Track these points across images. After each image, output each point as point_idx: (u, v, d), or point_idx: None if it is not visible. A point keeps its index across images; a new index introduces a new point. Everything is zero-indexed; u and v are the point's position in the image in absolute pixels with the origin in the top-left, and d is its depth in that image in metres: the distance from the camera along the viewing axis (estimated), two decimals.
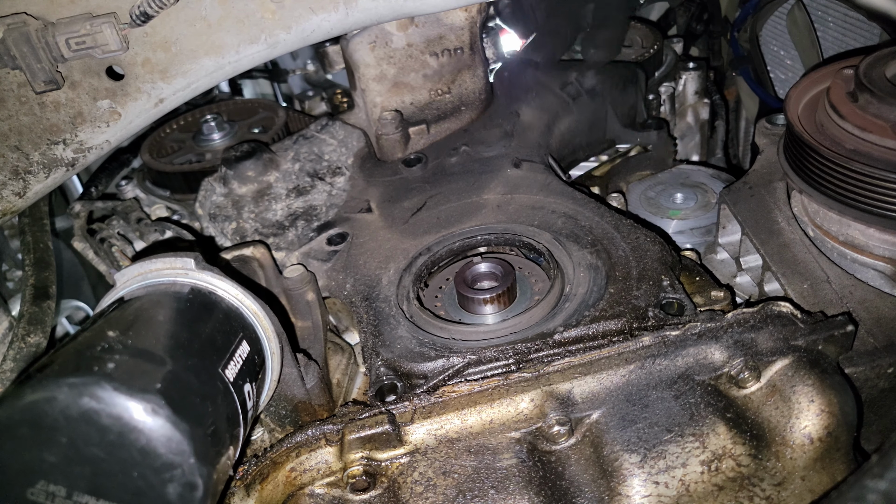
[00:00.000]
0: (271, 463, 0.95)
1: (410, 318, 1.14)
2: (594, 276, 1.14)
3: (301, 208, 1.46)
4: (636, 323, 1.05)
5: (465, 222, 1.33)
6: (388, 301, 1.18)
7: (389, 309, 1.16)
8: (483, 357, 1.03)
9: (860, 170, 1.08)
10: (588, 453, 0.93)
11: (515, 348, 1.04)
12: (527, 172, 1.43)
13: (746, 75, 2.10)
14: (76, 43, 1.21)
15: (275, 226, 1.43)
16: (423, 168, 1.52)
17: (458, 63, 1.58)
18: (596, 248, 1.19)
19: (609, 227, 1.23)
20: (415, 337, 1.10)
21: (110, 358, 0.75)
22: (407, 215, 1.38)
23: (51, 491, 0.72)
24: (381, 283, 1.22)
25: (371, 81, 1.57)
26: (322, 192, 1.49)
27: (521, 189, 1.38)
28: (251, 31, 1.32)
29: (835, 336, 0.97)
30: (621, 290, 1.10)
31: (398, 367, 1.05)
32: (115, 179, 1.94)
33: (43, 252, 1.41)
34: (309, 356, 1.11)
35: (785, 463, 0.90)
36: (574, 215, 1.28)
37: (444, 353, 1.05)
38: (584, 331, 1.05)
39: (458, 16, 1.53)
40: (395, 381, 1.04)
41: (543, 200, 1.34)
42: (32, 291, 1.30)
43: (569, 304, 1.10)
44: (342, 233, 1.38)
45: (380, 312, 1.16)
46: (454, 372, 1.02)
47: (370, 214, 1.42)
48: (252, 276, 1.21)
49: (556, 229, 1.25)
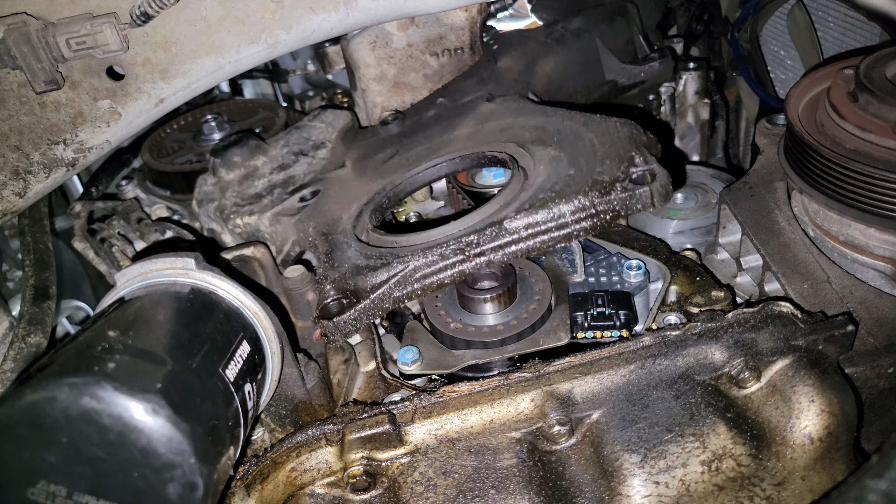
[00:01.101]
0: (272, 463, 0.95)
1: (362, 240, 1.13)
2: (555, 167, 1.11)
3: (281, 180, 1.46)
4: (599, 198, 1.01)
5: (432, 157, 1.31)
6: (345, 232, 1.17)
7: (345, 238, 1.15)
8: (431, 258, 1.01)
9: (860, 170, 1.07)
10: (588, 453, 0.93)
11: (463, 241, 1.01)
12: (499, 104, 1.41)
13: (747, 75, 2.10)
14: (76, 43, 1.21)
15: (253, 197, 1.43)
16: (401, 125, 1.51)
17: (459, 63, 1.58)
18: (559, 144, 1.15)
19: (578, 125, 1.19)
20: (362, 254, 1.08)
21: (111, 358, 0.76)
22: (378, 164, 1.37)
23: (51, 491, 0.72)
24: (341, 219, 1.22)
25: (371, 81, 1.57)
26: (303, 164, 1.49)
27: (493, 119, 1.36)
28: (251, 31, 1.32)
29: (835, 336, 0.97)
30: (583, 171, 1.06)
31: (345, 286, 1.04)
32: (115, 179, 1.94)
33: (43, 253, 1.41)
34: (309, 356, 1.11)
35: (785, 463, 0.90)
36: (543, 125, 1.25)
37: (388, 261, 1.04)
38: (537, 214, 1.01)
39: (459, 16, 1.53)
40: (340, 299, 1.02)
41: (514, 122, 1.31)
42: (32, 292, 1.31)
43: (524, 193, 1.07)
44: (315, 190, 1.37)
45: (334, 242, 1.15)
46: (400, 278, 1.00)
47: (343, 170, 1.41)
48: (252, 276, 1.21)
49: (521, 140, 1.22)
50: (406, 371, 1.10)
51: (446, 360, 1.09)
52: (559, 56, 1.63)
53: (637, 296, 1.16)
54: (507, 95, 1.44)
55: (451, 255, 1.01)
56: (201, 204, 1.46)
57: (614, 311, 1.09)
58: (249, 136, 1.53)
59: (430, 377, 1.12)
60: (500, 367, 1.08)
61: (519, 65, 1.58)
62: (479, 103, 1.44)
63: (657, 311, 1.13)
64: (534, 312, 1.11)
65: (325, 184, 1.38)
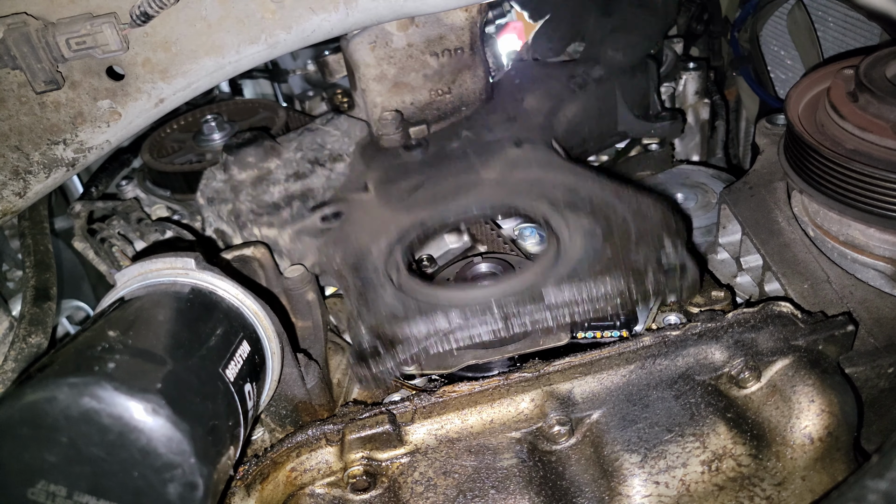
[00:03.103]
0: (272, 463, 0.95)
1: (397, 285, 1.12)
2: (590, 241, 1.11)
3: (298, 191, 1.45)
4: (634, 285, 1.03)
5: (461, 198, 1.30)
6: (376, 270, 1.16)
7: (377, 277, 1.14)
8: (471, 320, 1.01)
9: (860, 170, 1.08)
10: (588, 453, 0.93)
11: (504, 310, 1.01)
12: (528, 151, 1.41)
13: (747, 75, 2.10)
14: (76, 43, 1.21)
15: (270, 206, 1.42)
16: (424, 152, 1.50)
17: (459, 63, 1.58)
18: (594, 215, 1.16)
19: (610, 194, 1.19)
20: (399, 301, 1.08)
21: (111, 358, 0.76)
22: (403, 194, 1.36)
23: (51, 491, 0.72)
24: (370, 254, 1.20)
25: (371, 81, 1.57)
26: (321, 176, 1.48)
27: (521, 166, 1.36)
28: (251, 31, 1.32)
29: (835, 336, 0.97)
30: (618, 252, 1.07)
31: (382, 332, 1.04)
32: (115, 179, 1.93)
33: (43, 254, 1.41)
34: (309, 356, 1.11)
35: (785, 463, 0.90)
36: (574, 187, 1.25)
37: (428, 315, 1.03)
38: (576, 293, 1.03)
39: (459, 16, 1.53)
40: (377, 346, 1.02)
41: (543, 176, 1.31)
42: (33, 293, 1.31)
43: (562, 266, 1.08)
44: (337, 211, 1.36)
45: (367, 281, 1.14)
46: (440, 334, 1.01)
47: (366, 194, 1.40)
48: (252, 276, 1.21)
49: (553, 200, 1.22)
50: (406, 371, 1.10)
51: (446, 360, 1.10)
52: (581, 104, 1.66)
53: None
54: (534, 141, 1.44)
55: (490, 322, 1.02)
56: (212, 202, 1.45)
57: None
58: (264, 137, 1.53)
59: (430, 377, 1.12)
60: (500, 367, 1.08)
61: (544, 108, 1.59)
62: (506, 146, 1.44)
63: (657, 311, 1.13)
64: None
65: (347, 205, 1.37)
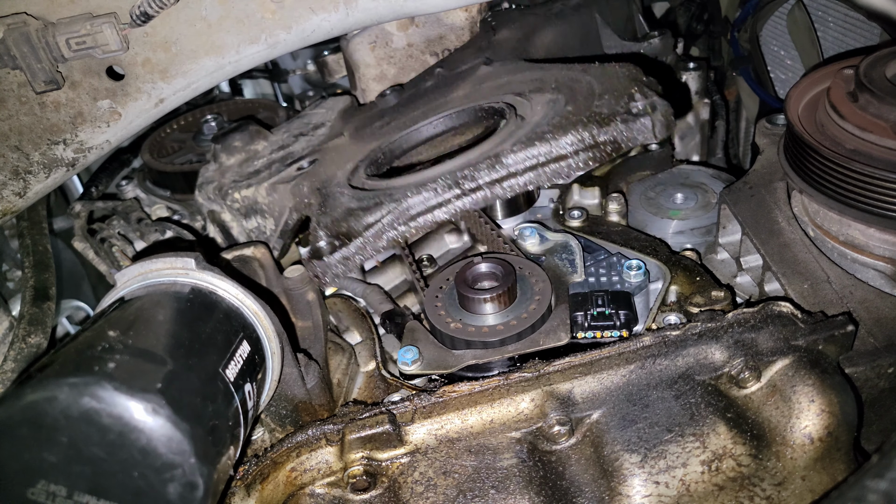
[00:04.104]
0: (272, 463, 0.95)
1: (355, 186, 1.12)
2: (552, 106, 1.08)
3: (279, 157, 1.45)
4: (598, 129, 0.98)
5: (428, 116, 1.29)
6: (339, 184, 1.16)
7: (339, 188, 1.14)
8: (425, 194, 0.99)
9: (860, 170, 1.07)
10: (588, 453, 0.93)
11: (459, 174, 0.99)
12: (497, 67, 1.39)
13: (747, 75, 2.10)
14: (76, 43, 1.21)
15: (251, 174, 1.42)
16: (398, 95, 1.50)
17: None
18: (557, 89, 1.13)
19: (576, 72, 1.17)
20: (355, 198, 1.07)
21: (111, 358, 0.76)
22: (376, 131, 1.35)
23: (51, 491, 0.72)
24: (336, 176, 1.21)
25: (371, 81, 1.57)
26: (302, 142, 1.48)
27: (490, 79, 1.35)
28: (251, 31, 1.32)
29: (835, 336, 0.97)
30: (581, 107, 1.03)
31: (338, 228, 1.03)
32: (115, 179, 1.94)
33: (42, 255, 1.41)
34: (309, 356, 1.11)
35: (785, 463, 0.90)
36: (541, 77, 1.23)
37: (381, 201, 1.02)
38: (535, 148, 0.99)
39: (459, 16, 1.53)
40: (332, 241, 1.01)
41: (511, 79, 1.29)
42: (32, 293, 1.31)
43: (521, 130, 1.05)
44: (312, 159, 1.36)
45: (328, 193, 1.14)
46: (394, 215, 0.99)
47: (340, 139, 1.40)
48: (252, 276, 1.21)
49: (520, 92, 1.20)
50: (406, 371, 1.10)
51: (446, 360, 1.09)
52: (558, 29, 1.61)
53: (637, 296, 1.16)
54: (505, 58, 1.42)
55: (445, 191, 0.98)
56: (201, 188, 1.45)
57: (614, 311, 1.09)
58: (250, 123, 1.53)
59: (430, 377, 1.12)
60: (500, 367, 1.08)
61: (517, 35, 1.56)
62: (476, 68, 1.42)
63: (657, 311, 1.13)
64: (534, 312, 1.11)
65: (322, 153, 1.37)
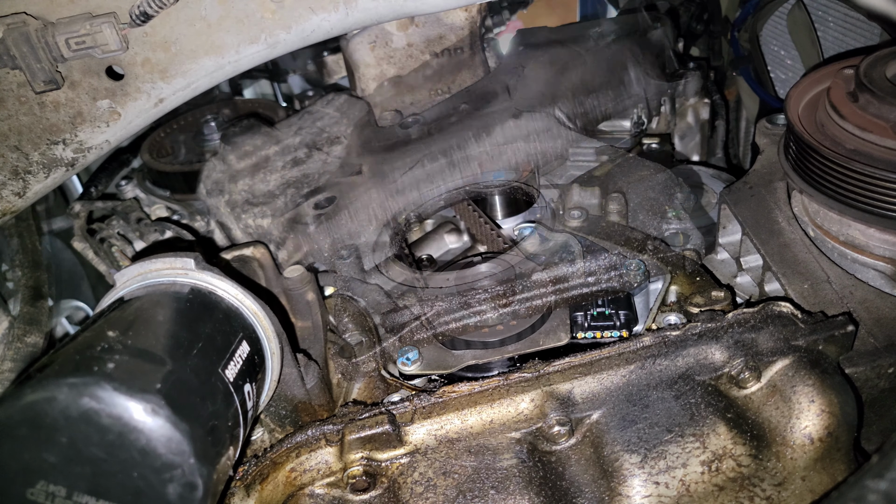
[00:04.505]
0: (271, 463, 0.95)
1: (383, 272, 1.12)
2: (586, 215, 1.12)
3: (294, 177, 1.44)
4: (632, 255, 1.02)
5: (454, 176, 1.30)
6: (365, 263, 1.17)
7: (366, 270, 1.15)
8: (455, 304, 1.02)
9: (861, 170, 1.07)
10: (588, 453, 0.93)
11: (490, 292, 1.02)
12: (526, 122, 1.39)
13: (747, 75, 2.10)
14: (76, 43, 1.21)
15: (265, 195, 1.41)
16: (420, 129, 1.49)
17: (459, 62, 1.58)
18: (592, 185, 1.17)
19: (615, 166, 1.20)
20: (384, 291, 1.08)
21: (110, 358, 0.75)
22: (397, 175, 1.35)
23: (51, 491, 0.72)
24: (359, 239, 1.21)
25: (371, 81, 1.57)
26: (318, 161, 1.47)
27: (518, 139, 1.35)
28: (251, 31, 1.32)
29: (835, 336, 0.97)
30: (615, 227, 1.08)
31: (365, 324, 1.05)
32: (115, 179, 1.93)
33: (34, 254, 1.41)
34: (309, 356, 1.11)
35: (785, 463, 0.90)
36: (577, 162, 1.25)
37: (411, 303, 1.03)
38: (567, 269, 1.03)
39: (459, 15, 1.53)
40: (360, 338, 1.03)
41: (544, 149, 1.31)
42: (27, 292, 1.31)
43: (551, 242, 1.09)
44: (330, 196, 1.36)
45: (354, 270, 1.14)
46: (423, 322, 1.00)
47: (359, 177, 1.39)
48: (252, 276, 1.21)
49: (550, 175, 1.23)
50: (406, 371, 1.10)
51: (446, 361, 1.09)
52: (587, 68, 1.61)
53: (637, 296, 1.16)
54: (534, 111, 1.42)
55: (477, 305, 1.02)
56: (211, 194, 1.45)
57: (614, 311, 1.09)
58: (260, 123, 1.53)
59: (429, 377, 1.12)
60: (499, 367, 1.08)
61: (546, 75, 1.56)
62: (503, 117, 1.42)
63: (657, 312, 1.13)
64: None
65: (340, 190, 1.36)
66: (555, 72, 1.56)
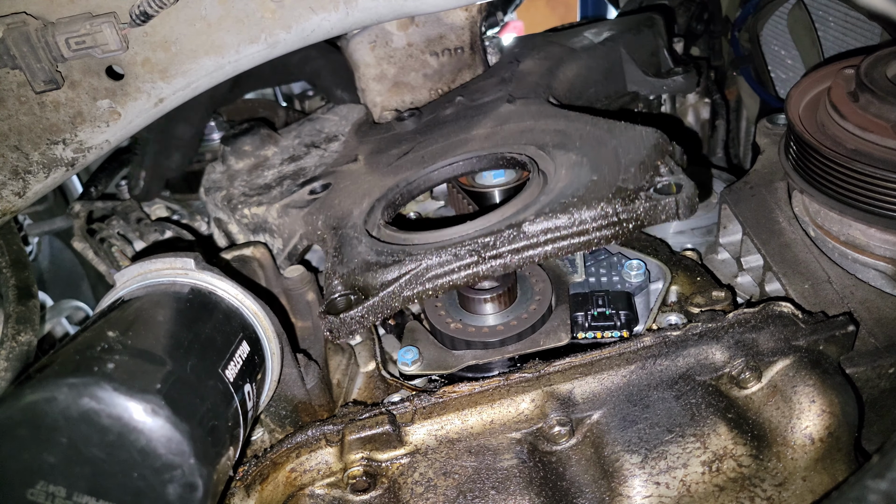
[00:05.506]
0: (271, 463, 0.95)
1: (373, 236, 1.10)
2: (577, 172, 1.08)
3: (291, 171, 1.44)
4: (622, 206, 0.98)
5: (448, 156, 1.28)
6: (355, 227, 1.15)
7: (355, 233, 1.13)
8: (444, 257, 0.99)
9: (861, 170, 1.07)
10: (589, 454, 0.93)
11: (479, 242, 0.98)
12: (520, 106, 1.38)
13: (747, 75, 2.10)
14: (76, 43, 1.21)
15: (262, 188, 1.41)
16: (416, 121, 1.49)
17: (459, 62, 1.58)
18: (582, 149, 1.12)
19: (602, 131, 1.16)
20: (373, 250, 1.06)
21: (110, 358, 0.75)
22: (391, 160, 1.34)
23: (51, 491, 0.72)
24: (352, 214, 1.20)
25: (371, 81, 1.57)
26: (315, 156, 1.48)
27: (512, 120, 1.34)
28: (251, 31, 1.31)
29: (836, 336, 0.97)
30: (606, 178, 1.04)
31: (354, 282, 1.02)
32: (115, 179, 1.94)
33: (17, 253, 1.41)
34: (309, 356, 1.11)
35: (786, 463, 0.90)
36: (565, 129, 1.22)
37: (399, 259, 1.01)
38: (558, 219, 0.99)
39: (459, 15, 1.53)
40: (348, 295, 1.00)
41: (534, 125, 1.28)
42: (16, 292, 1.31)
43: (545, 196, 1.05)
44: (325, 183, 1.35)
45: (344, 237, 1.13)
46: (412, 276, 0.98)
47: (355, 164, 1.39)
48: (252, 276, 1.21)
49: (542, 143, 1.20)
50: (406, 371, 1.10)
51: (446, 361, 1.09)
52: (583, 62, 1.61)
53: (637, 296, 1.16)
54: (528, 98, 1.41)
55: (465, 256, 0.99)
56: (209, 192, 1.45)
57: (615, 311, 1.09)
58: (260, 126, 1.53)
59: (430, 377, 1.11)
60: (500, 367, 1.08)
61: (541, 68, 1.56)
62: (498, 104, 1.41)
63: (658, 312, 1.13)
64: (534, 312, 1.11)
65: (336, 177, 1.36)
66: (549, 66, 1.57)
